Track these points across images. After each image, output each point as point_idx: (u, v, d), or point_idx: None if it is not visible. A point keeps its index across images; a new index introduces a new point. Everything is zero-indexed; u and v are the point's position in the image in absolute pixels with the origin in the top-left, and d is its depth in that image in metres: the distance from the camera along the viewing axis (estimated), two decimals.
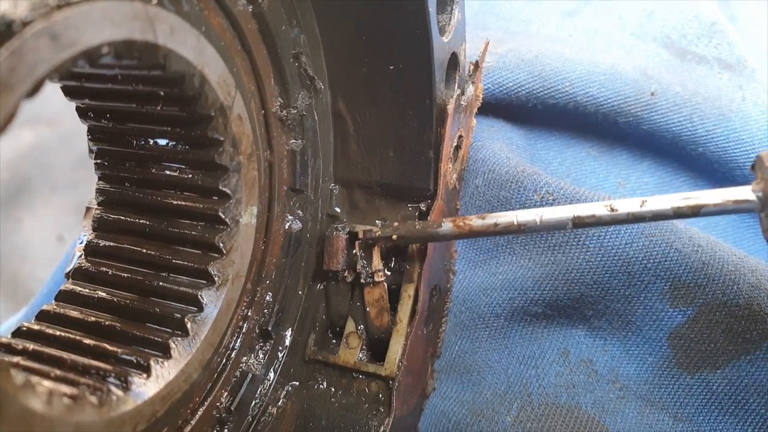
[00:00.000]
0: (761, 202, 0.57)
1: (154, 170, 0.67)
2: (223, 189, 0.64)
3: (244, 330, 0.72)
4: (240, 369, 0.72)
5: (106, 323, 0.63)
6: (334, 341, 0.80)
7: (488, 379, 0.85)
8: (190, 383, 0.64)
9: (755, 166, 0.59)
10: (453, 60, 0.79)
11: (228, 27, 0.62)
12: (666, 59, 1.05)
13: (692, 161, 0.98)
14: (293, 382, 0.77)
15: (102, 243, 0.69)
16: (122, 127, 0.66)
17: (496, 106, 0.99)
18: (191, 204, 0.66)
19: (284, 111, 0.71)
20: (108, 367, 0.58)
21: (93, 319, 0.64)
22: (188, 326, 0.63)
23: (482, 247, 0.90)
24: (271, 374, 0.76)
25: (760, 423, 0.78)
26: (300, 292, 0.78)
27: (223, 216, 0.65)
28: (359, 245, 0.75)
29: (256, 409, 0.74)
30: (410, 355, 0.76)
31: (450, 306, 0.89)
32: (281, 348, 0.77)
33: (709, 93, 0.97)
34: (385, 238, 0.74)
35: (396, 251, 0.79)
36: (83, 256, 0.70)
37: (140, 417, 0.57)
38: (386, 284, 0.76)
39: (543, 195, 0.86)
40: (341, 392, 0.76)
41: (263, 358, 0.75)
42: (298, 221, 0.76)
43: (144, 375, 0.59)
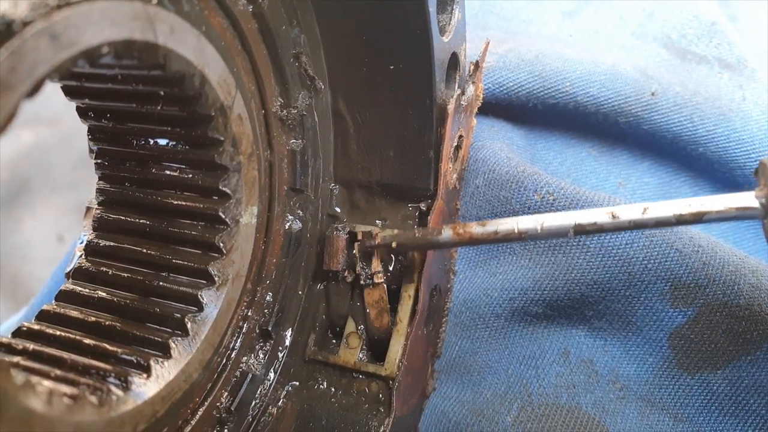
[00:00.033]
0: (764, 209, 0.56)
1: (155, 170, 0.67)
2: (224, 189, 0.64)
3: (245, 330, 0.72)
4: (240, 369, 0.72)
5: (107, 323, 0.63)
6: (334, 341, 0.80)
7: (488, 379, 0.85)
8: (190, 383, 0.64)
9: (758, 172, 0.57)
10: (453, 60, 0.79)
11: (228, 27, 0.62)
12: (666, 59, 1.05)
13: (693, 161, 0.98)
14: (293, 382, 0.77)
15: (102, 243, 0.69)
16: (122, 127, 0.66)
17: (497, 106, 0.98)
18: (191, 204, 0.66)
19: (284, 111, 0.71)
20: (108, 367, 0.58)
21: (93, 319, 0.64)
22: (188, 326, 0.63)
23: (482, 248, 0.90)
24: (271, 374, 0.76)
25: (761, 424, 0.78)
26: (300, 292, 0.78)
27: (224, 216, 0.65)
28: (358, 248, 0.75)
29: (256, 409, 0.74)
30: (410, 356, 0.76)
31: (450, 306, 0.89)
32: (281, 348, 0.77)
33: (710, 93, 0.97)
34: (384, 246, 0.74)
35: (396, 251, 0.78)
36: (83, 256, 0.70)
37: (140, 417, 0.57)
38: (386, 285, 0.76)
39: (543, 195, 0.86)
40: (341, 392, 0.76)
41: (263, 358, 0.74)
42: (299, 221, 0.76)
43: (144, 375, 0.59)
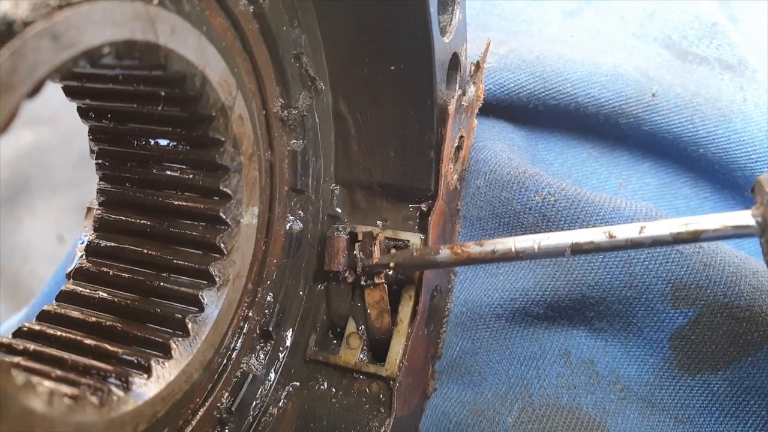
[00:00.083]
0: (761, 227, 0.56)
1: (155, 170, 0.67)
2: (224, 189, 0.64)
3: (245, 330, 0.72)
4: (241, 369, 0.72)
5: (107, 323, 0.63)
6: (335, 342, 0.80)
7: (489, 380, 0.85)
8: (191, 384, 0.64)
9: (754, 190, 0.58)
10: (454, 60, 0.79)
11: (229, 27, 0.62)
12: (667, 60, 1.05)
13: (693, 162, 0.97)
14: (294, 383, 0.77)
15: (103, 243, 0.69)
16: (123, 128, 0.66)
17: (498, 107, 0.98)
18: (192, 204, 0.66)
19: (285, 111, 0.71)
20: (109, 368, 0.58)
21: (94, 320, 0.64)
22: (189, 326, 0.63)
23: None
24: (272, 375, 0.76)
25: (761, 424, 0.78)
26: (301, 293, 0.78)
27: (224, 216, 0.65)
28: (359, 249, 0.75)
29: (257, 410, 0.74)
30: (411, 356, 0.76)
31: (451, 306, 0.89)
32: (282, 348, 0.77)
33: (710, 94, 0.97)
34: (383, 266, 0.74)
35: (396, 248, 0.78)
36: (84, 257, 0.70)
37: (141, 417, 0.57)
38: (387, 285, 0.76)
39: (544, 196, 0.86)
40: (342, 393, 0.76)
41: (264, 359, 0.74)
42: (299, 222, 0.76)
43: (145, 375, 0.59)
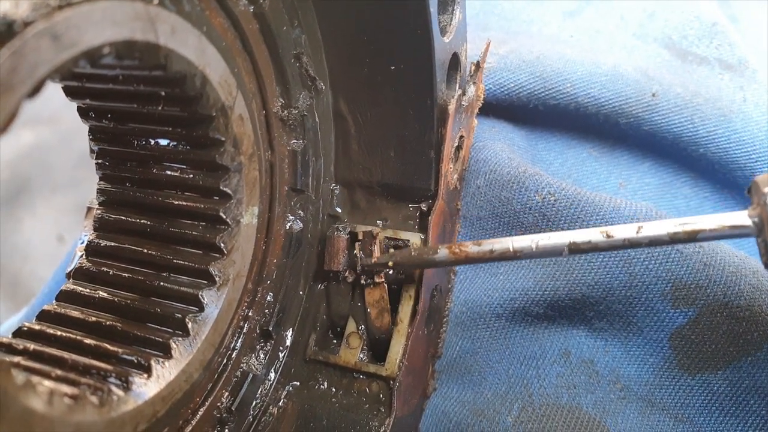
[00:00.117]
0: (757, 228, 0.56)
1: (155, 170, 0.67)
2: (224, 189, 0.64)
3: (245, 330, 0.72)
4: (241, 369, 0.72)
5: (107, 323, 0.63)
6: (335, 341, 0.80)
7: (489, 380, 0.85)
8: (191, 383, 0.64)
9: (751, 191, 0.58)
10: (454, 60, 0.79)
11: (229, 27, 0.62)
12: (667, 60, 1.05)
13: (693, 162, 0.98)
14: (294, 382, 0.77)
15: (103, 243, 0.69)
16: (123, 128, 0.66)
17: (498, 107, 0.98)
18: (192, 204, 0.66)
19: (285, 111, 0.71)
20: (109, 367, 0.58)
21: (94, 319, 0.64)
22: (189, 326, 0.63)
23: None
24: (272, 374, 0.76)
25: (761, 424, 0.78)
26: (301, 293, 0.78)
27: (224, 216, 0.65)
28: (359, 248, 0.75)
29: (257, 409, 0.74)
30: (411, 356, 0.76)
31: (451, 306, 0.89)
32: (282, 348, 0.77)
33: (710, 94, 0.97)
34: (382, 265, 0.74)
35: (396, 247, 0.78)
36: (84, 256, 0.70)
37: (141, 417, 0.57)
38: (387, 285, 0.76)
39: (544, 195, 0.86)
40: (342, 392, 0.76)
41: (264, 359, 0.74)
42: (299, 221, 0.76)
43: (145, 375, 0.59)
